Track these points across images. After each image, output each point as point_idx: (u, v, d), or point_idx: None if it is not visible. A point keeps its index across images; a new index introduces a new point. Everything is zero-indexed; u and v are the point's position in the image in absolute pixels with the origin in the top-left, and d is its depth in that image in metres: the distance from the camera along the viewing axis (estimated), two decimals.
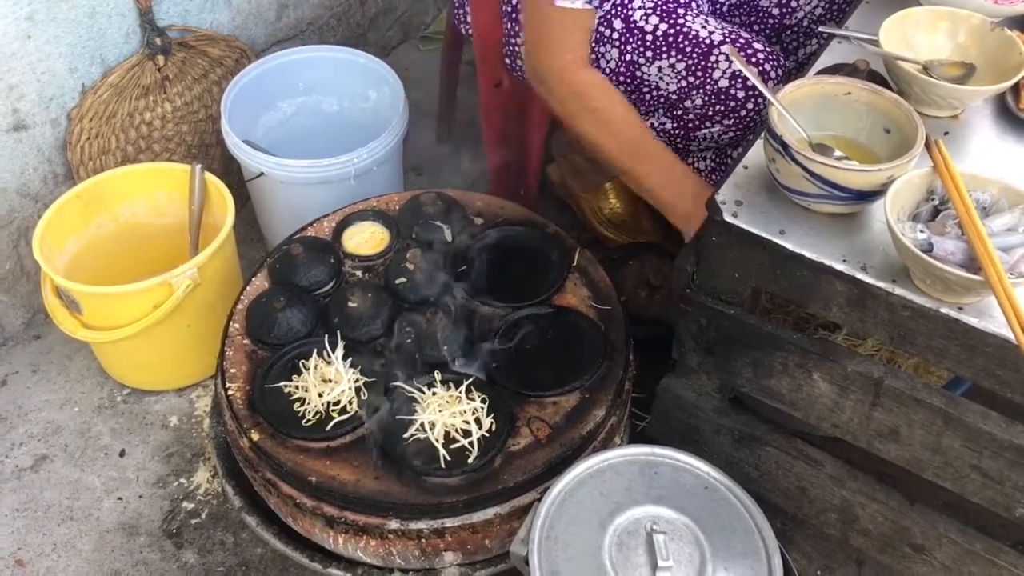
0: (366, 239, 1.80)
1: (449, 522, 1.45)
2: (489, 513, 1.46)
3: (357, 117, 2.33)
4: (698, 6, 1.83)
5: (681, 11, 1.74)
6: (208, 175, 1.98)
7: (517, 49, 1.90)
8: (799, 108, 1.33)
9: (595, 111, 1.68)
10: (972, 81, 1.42)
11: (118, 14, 2.01)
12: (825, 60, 1.55)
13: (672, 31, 1.72)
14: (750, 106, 1.72)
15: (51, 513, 1.85)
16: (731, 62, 1.68)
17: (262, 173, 2.05)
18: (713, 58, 1.70)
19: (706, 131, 1.79)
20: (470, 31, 2.01)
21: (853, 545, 1.58)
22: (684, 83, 1.74)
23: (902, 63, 1.40)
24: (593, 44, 1.78)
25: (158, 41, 2.07)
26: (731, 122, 1.74)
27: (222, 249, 1.87)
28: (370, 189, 1.99)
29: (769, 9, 1.91)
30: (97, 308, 1.84)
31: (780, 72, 1.71)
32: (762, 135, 1.34)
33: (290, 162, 2.02)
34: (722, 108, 1.73)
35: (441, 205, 1.81)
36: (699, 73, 1.72)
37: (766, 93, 1.33)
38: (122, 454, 1.94)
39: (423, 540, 1.47)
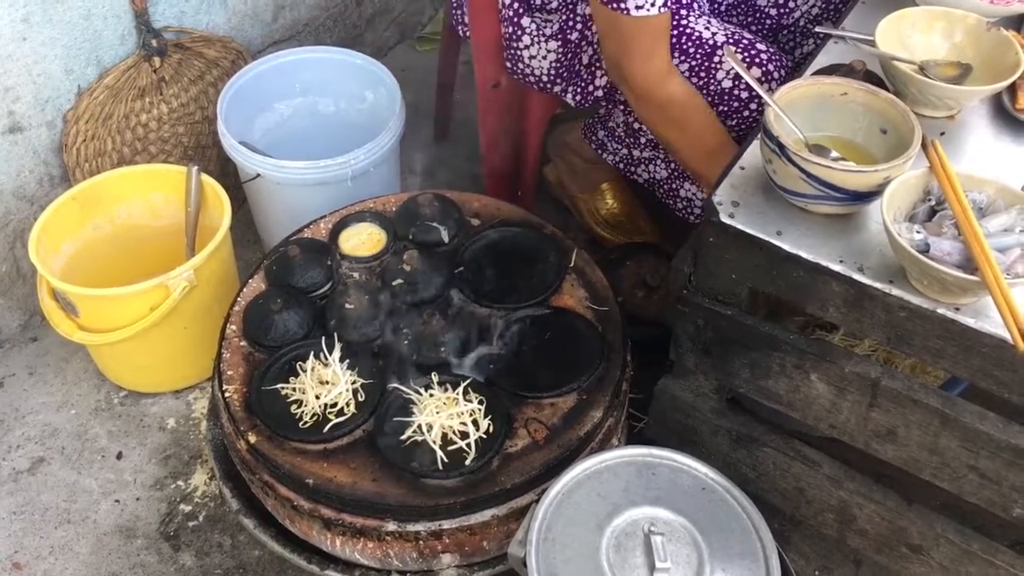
0: (363, 240, 1.79)
1: (447, 524, 1.45)
2: (487, 515, 1.45)
3: (354, 118, 2.33)
4: (699, 7, 1.83)
5: (684, 12, 1.74)
6: (204, 177, 1.98)
7: (519, 52, 1.90)
8: (796, 109, 1.33)
9: (675, 121, 1.70)
10: (968, 81, 1.42)
11: (114, 16, 2.00)
12: (822, 60, 1.55)
13: (675, 32, 1.72)
14: (753, 107, 1.72)
15: (48, 516, 1.85)
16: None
17: (259, 175, 2.04)
18: (716, 59, 1.70)
19: None
20: (468, 32, 2.01)
21: (851, 545, 1.58)
22: None
23: (898, 63, 1.40)
24: (596, 45, 1.78)
25: (154, 43, 2.07)
26: (734, 123, 1.74)
27: (219, 251, 1.87)
28: (367, 190, 1.99)
29: (766, 9, 1.91)
30: (93, 310, 1.84)
31: (783, 72, 1.71)
32: (758, 136, 1.34)
33: (287, 163, 2.02)
34: (725, 109, 1.73)
35: (438, 206, 1.81)
36: (702, 74, 1.72)
37: (763, 94, 1.33)
38: (119, 456, 1.94)
39: (421, 542, 1.47)
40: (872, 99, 1.33)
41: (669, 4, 1.58)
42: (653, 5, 1.55)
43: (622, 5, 1.55)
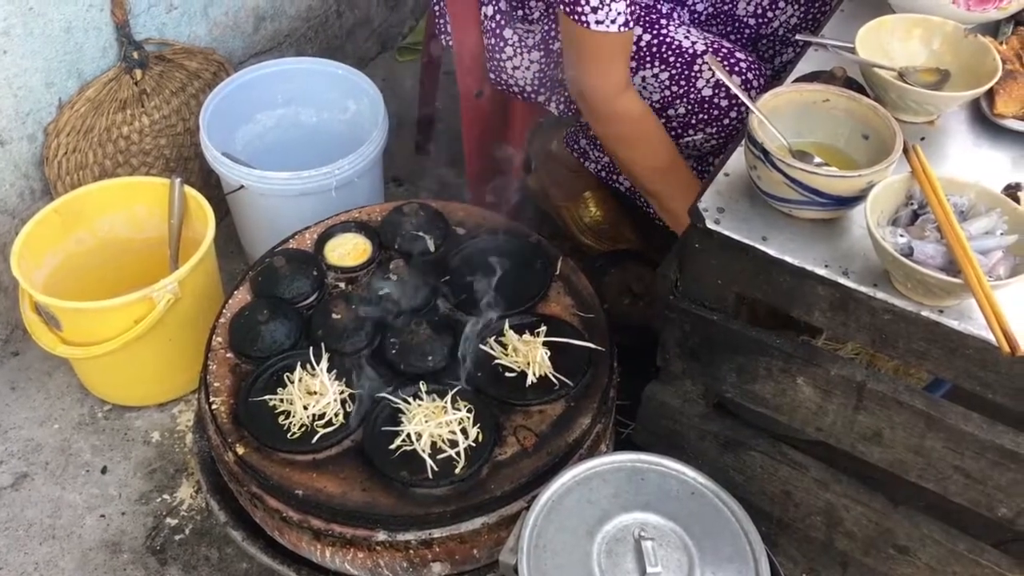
0: (348, 251, 1.79)
1: (437, 533, 1.44)
2: (477, 523, 1.45)
3: (336, 128, 2.33)
4: (679, 16, 1.85)
5: (664, 21, 1.75)
6: (187, 188, 1.97)
7: (502, 64, 1.91)
8: (779, 115, 1.35)
9: (625, 138, 1.71)
10: (947, 87, 1.44)
11: (94, 28, 2.00)
12: (803, 68, 1.56)
13: (655, 41, 1.74)
14: (733, 115, 1.73)
15: (32, 532, 1.83)
16: (714, 71, 1.70)
17: (242, 186, 2.04)
18: (696, 68, 1.71)
19: (689, 139, 1.81)
20: (450, 41, 2.01)
21: (838, 548, 1.59)
22: (668, 92, 1.75)
23: (878, 70, 1.41)
24: None
25: (135, 55, 2.07)
26: (714, 130, 1.76)
27: (203, 263, 1.86)
28: (351, 200, 1.99)
29: (745, 19, 1.92)
30: (77, 324, 1.83)
31: (762, 81, 1.73)
32: (742, 143, 1.36)
33: (270, 174, 2.02)
34: (705, 117, 1.74)
35: (423, 215, 1.81)
36: (682, 83, 1.73)
37: (747, 101, 1.34)
38: (104, 471, 1.93)
39: (411, 551, 1.46)
40: (854, 105, 1.35)
41: (631, 24, 1.58)
42: (614, 23, 1.55)
43: (583, 18, 1.56)
